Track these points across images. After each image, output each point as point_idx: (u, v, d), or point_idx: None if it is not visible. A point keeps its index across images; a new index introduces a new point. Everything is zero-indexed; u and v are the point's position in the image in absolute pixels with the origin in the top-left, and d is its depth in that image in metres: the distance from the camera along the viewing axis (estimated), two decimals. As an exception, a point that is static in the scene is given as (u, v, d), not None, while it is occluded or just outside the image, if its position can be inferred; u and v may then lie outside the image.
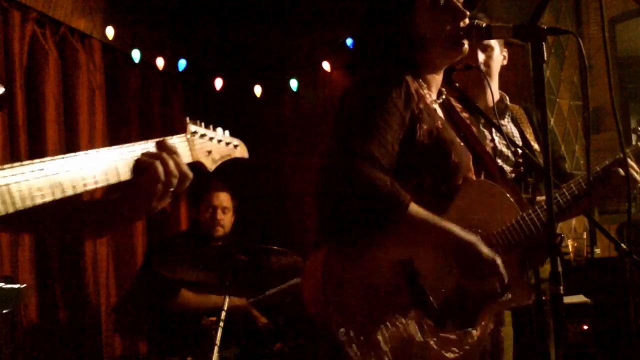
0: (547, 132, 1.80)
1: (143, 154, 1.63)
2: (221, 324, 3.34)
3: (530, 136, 3.00)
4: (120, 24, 4.90)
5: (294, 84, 5.67)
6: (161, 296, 4.02)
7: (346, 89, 2.04)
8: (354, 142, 1.87)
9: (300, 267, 3.24)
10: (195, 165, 1.75)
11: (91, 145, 4.45)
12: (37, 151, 4.01)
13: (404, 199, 1.83)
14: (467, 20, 2.04)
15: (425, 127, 1.96)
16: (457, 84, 2.35)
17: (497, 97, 3.04)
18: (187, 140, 1.74)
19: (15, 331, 3.83)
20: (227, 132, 1.90)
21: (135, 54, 5.04)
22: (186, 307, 4.04)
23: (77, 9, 4.60)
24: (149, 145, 1.65)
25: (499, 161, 2.86)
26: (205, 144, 1.80)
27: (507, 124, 3.02)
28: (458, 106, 2.21)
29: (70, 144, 4.32)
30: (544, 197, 2.06)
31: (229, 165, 1.82)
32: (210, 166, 1.81)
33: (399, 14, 2.05)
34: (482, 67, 2.88)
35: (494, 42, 2.93)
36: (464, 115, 2.20)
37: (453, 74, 2.31)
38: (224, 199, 4.29)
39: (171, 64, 5.38)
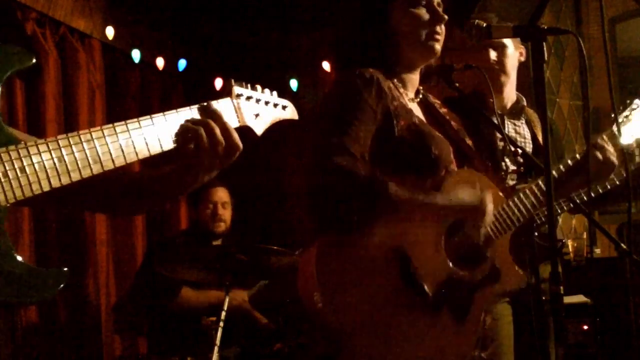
0: (547, 132, 1.81)
1: (186, 121, 1.50)
2: (221, 324, 3.34)
3: None
4: (120, 24, 4.90)
5: (294, 84, 5.67)
6: (161, 296, 4.02)
7: (325, 92, 2.13)
8: (329, 139, 1.94)
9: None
10: (243, 131, 1.62)
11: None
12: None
13: (383, 179, 1.89)
14: (442, 27, 2.10)
15: (402, 122, 2.02)
16: (457, 84, 2.35)
17: (513, 97, 3.03)
18: (233, 103, 1.62)
19: (15, 331, 3.83)
20: (274, 92, 1.77)
21: (135, 54, 5.04)
22: (187, 305, 4.04)
23: (77, 9, 4.60)
24: (193, 112, 1.53)
25: (507, 160, 2.87)
26: (252, 107, 1.67)
27: (522, 125, 3.02)
28: (437, 102, 2.25)
29: (70, 144, 4.31)
30: (523, 185, 2.12)
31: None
32: (259, 131, 1.68)
33: (375, 11, 2.12)
34: (494, 65, 2.87)
35: (507, 40, 2.90)
36: (443, 110, 2.24)
37: (454, 74, 2.32)
38: (222, 194, 4.30)
39: (171, 64, 5.38)
